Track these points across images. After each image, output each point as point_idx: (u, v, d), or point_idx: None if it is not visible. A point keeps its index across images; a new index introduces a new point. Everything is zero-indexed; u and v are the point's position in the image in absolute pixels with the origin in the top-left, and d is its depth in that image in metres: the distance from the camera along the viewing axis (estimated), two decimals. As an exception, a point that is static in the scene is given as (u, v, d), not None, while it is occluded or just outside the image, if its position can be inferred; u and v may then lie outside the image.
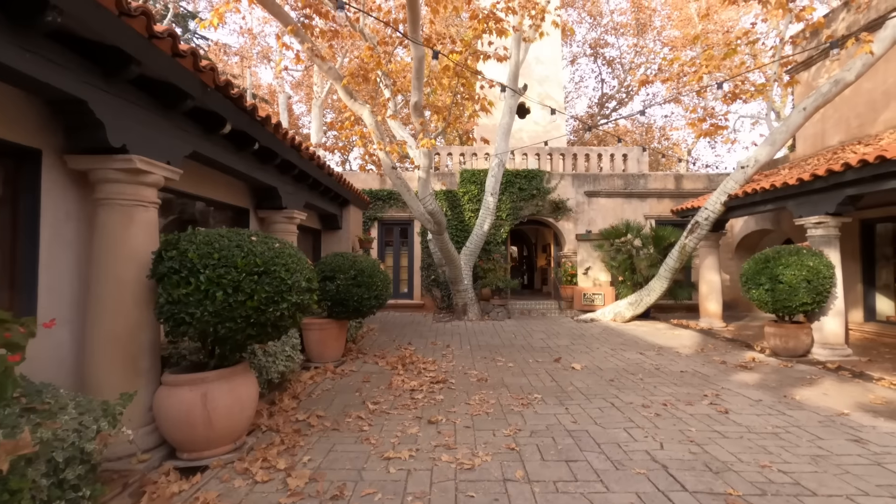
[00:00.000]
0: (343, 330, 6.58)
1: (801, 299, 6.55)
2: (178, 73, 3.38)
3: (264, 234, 3.49)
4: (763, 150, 8.61)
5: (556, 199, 13.01)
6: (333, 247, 9.35)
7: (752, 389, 5.33)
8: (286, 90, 17.63)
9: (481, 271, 12.30)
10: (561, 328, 10.18)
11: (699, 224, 9.49)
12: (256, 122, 4.66)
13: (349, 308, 6.10)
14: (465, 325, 10.57)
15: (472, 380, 5.79)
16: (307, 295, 3.43)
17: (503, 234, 13.04)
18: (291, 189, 6.48)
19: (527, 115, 15.59)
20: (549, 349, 7.84)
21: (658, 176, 13.30)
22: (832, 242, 7.07)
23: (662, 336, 9.16)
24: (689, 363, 6.73)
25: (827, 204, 6.91)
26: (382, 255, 13.35)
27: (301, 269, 3.40)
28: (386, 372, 6.15)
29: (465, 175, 13.08)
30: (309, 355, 6.41)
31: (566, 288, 12.69)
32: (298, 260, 3.40)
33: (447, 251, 10.55)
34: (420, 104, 7.97)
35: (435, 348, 7.87)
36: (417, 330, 9.98)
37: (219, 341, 3.18)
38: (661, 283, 10.21)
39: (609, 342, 8.50)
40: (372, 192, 13.04)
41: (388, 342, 8.47)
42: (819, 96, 7.90)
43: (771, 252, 6.99)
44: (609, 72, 22.76)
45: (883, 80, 8.63)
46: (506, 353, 7.53)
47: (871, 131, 8.82)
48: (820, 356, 6.89)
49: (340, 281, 5.97)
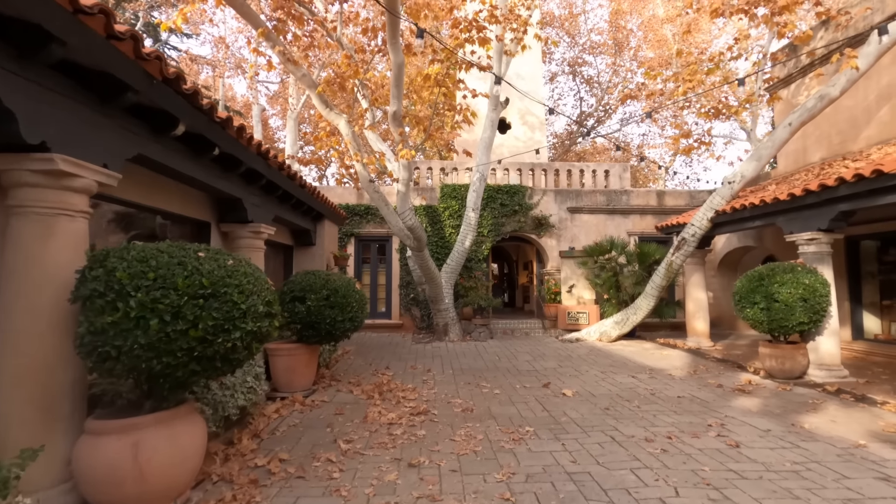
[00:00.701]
0: (314, 355, 5.99)
1: (797, 319, 6.28)
2: (115, 60, 2.87)
3: (216, 249, 2.96)
4: (749, 165, 8.47)
5: (539, 215, 12.72)
6: (306, 264, 8.77)
7: (756, 417, 4.96)
8: (260, 102, 17.07)
9: (462, 289, 11.84)
10: (546, 349, 9.75)
11: (686, 240, 9.27)
12: (215, 125, 4.14)
13: (321, 331, 5.53)
14: (446, 347, 10.05)
15: (456, 410, 5.27)
16: (266, 321, 2.90)
17: (485, 250, 12.65)
18: (258, 201, 5.94)
19: (507, 131, 15.38)
20: (537, 372, 7.39)
21: (640, 192, 13.17)
22: (825, 259, 6.87)
23: (651, 357, 8.82)
24: (684, 387, 6.36)
25: (819, 220, 6.72)
26: (359, 273, 12.77)
27: (259, 290, 2.87)
28: (361, 402, 5.58)
29: (445, 190, 12.70)
30: (276, 384, 5.79)
31: (550, 306, 12.32)
32: (256, 280, 2.88)
33: (427, 268, 10.07)
34: (399, 114, 7.57)
35: (415, 373, 7.33)
36: (396, 352, 9.41)
37: (154, 379, 2.62)
38: (647, 302, 9.92)
39: (598, 364, 8.10)
40: (349, 207, 12.53)
41: (365, 366, 7.88)
42: (804, 111, 7.82)
43: (765, 269, 6.74)
44: (587, 90, 22.94)
45: (864, 97, 8.64)
46: (491, 377, 7.04)
47: (853, 148, 8.79)
48: (817, 378, 6.61)
49: (311, 302, 5.42)
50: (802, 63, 9.93)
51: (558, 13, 22.94)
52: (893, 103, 8.05)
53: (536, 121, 15.48)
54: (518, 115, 15.44)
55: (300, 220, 8.01)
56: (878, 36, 7.04)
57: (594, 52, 22.33)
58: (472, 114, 7.86)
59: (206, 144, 4.29)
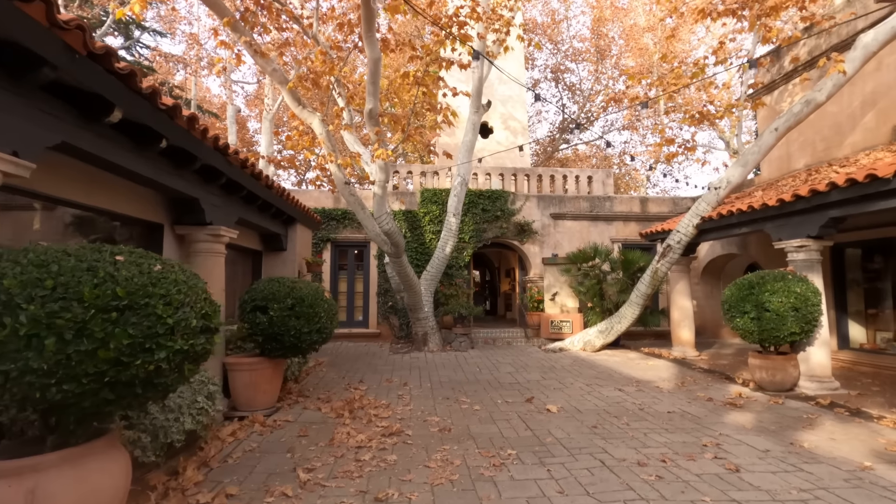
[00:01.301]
0: (279, 370, 5.50)
1: (789, 328, 6.03)
2: (21, 26, 2.41)
3: (142, 252, 2.49)
4: (735, 170, 8.29)
5: (521, 221, 12.41)
6: (277, 270, 8.26)
7: (752, 435, 4.65)
8: (236, 103, 16.49)
9: (443, 297, 11.43)
10: (529, 359, 9.39)
11: (671, 247, 9.04)
12: (160, 113, 3.67)
13: (285, 344, 5.05)
14: (424, 357, 9.60)
15: (432, 429, 4.84)
16: (202, 338, 2.45)
17: (466, 257, 12.28)
18: (219, 201, 5.45)
19: (490, 135, 15.10)
20: (519, 385, 7.00)
21: (624, 199, 12.98)
22: (814, 267, 6.67)
23: (637, 367, 8.52)
24: (673, 401, 6.04)
25: (809, 226, 6.52)
26: (336, 280, 12.26)
27: (193, 300, 2.42)
28: (329, 421, 5.11)
29: (425, 194, 12.31)
30: (235, 402, 5.29)
31: (533, 315, 11.99)
32: (190, 288, 2.42)
33: (406, 276, 9.64)
34: (376, 112, 7.17)
35: (390, 387, 6.87)
36: (372, 363, 8.93)
37: (55, 411, 2.14)
38: (632, 310, 9.65)
39: (582, 375, 7.76)
40: (325, 212, 12.04)
41: (338, 380, 7.39)
42: (791, 116, 7.66)
43: (754, 277, 6.50)
44: (570, 97, 22.89)
45: (848, 103, 8.56)
46: (471, 391, 6.63)
47: (838, 154, 8.70)
48: (808, 390, 6.37)
49: (274, 312, 4.94)
50: (786, 69, 9.86)
51: (541, 20, 22.92)
52: (879, 109, 7.97)
53: (519, 126, 15.24)
54: (500, 119, 15.19)
55: (269, 224, 7.51)
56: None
57: (576, 60, 22.31)
58: (453, 113, 7.51)
59: (152, 135, 3.82)
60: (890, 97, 7.82)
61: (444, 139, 14.87)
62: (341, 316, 12.26)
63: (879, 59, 7.79)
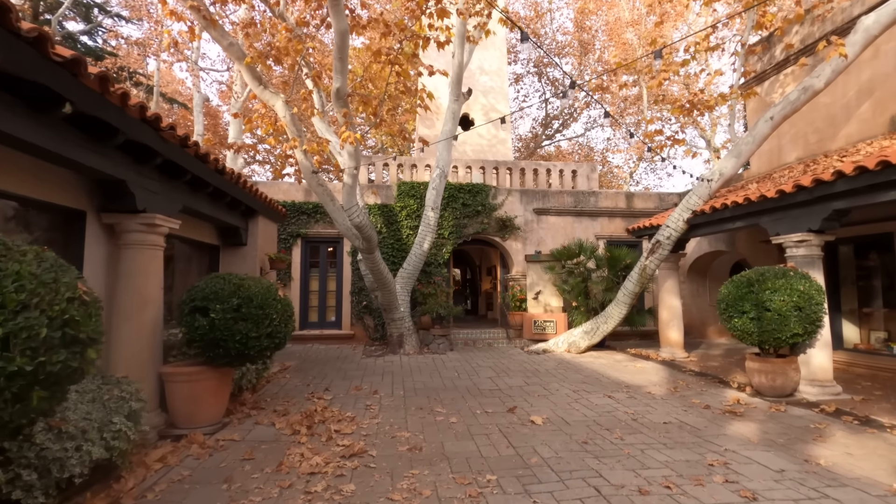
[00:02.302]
0: (226, 380, 4.79)
1: (791, 329, 5.57)
2: None
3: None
4: (728, 162, 7.85)
5: (503, 217, 11.85)
6: (236, 267, 7.52)
7: (761, 451, 4.14)
8: (205, 91, 15.54)
9: (420, 296, 10.79)
10: (511, 362, 8.82)
11: (661, 243, 8.57)
12: (56, 66, 2.95)
13: (230, 351, 4.34)
14: (399, 361, 8.95)
15: (401, 448, 4.21)
16: (65, 353, 1.77)
17: (445, 254, 11.65)
18: (157, 186, 4.72)
19: (471, 128, 14.50)
20: (500, 392, 6.42)
21: (609, 194, 12.52)
22: (815, 263, 6.24)
23: (625, 370, 8.03)
24: (668, 410, 5.53)
25: (810, 219, 6.08)
26: (306, 278, 11.51)
27: (48, 302, 1.73)
28: (283, 439, 4.43)
29: (402, 188, 11.65)
30: (173, 418, 4.57)
31: (515, 314, 11.44)
32: (42, 285, 1.74)
33: (379, 273, 8.97)
34: (343, 91, 6.49)
35: (359, 396, 6.21)
36: (342, 368, 8.25)
37: None
38: (619, 309, 9.17)
39: (568, 380, 7.22)
40: (295, 205, 11.28)
41: (301, 387, 6.70)
42: (787, 104, 7.24)
43: (753, 274, 6.03)
44: (552, 91, 22.44)
45: (842, 93, 8.20)
46: (447, 399, 6.01)
47: (832, 147, 8.34)
48: (809, 395, 5.93)
49: (216, 314, 4.23)
50: (777, 59, 9.49)
51: (524, 13, 22.43)
52: (876, 98, 7.61)
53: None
54: (482, 111, 14.62)
55: (225, 216, 6.77)
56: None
57: (560, 54, 21.88)
58: (429, 95, 6.87)
59: (52, 98, 3.10)
60: (888, 86, 7.46)
61: (423, 130, 14.23)
62: (312, 316, 11.53)
63: (877, 47, 7.44)
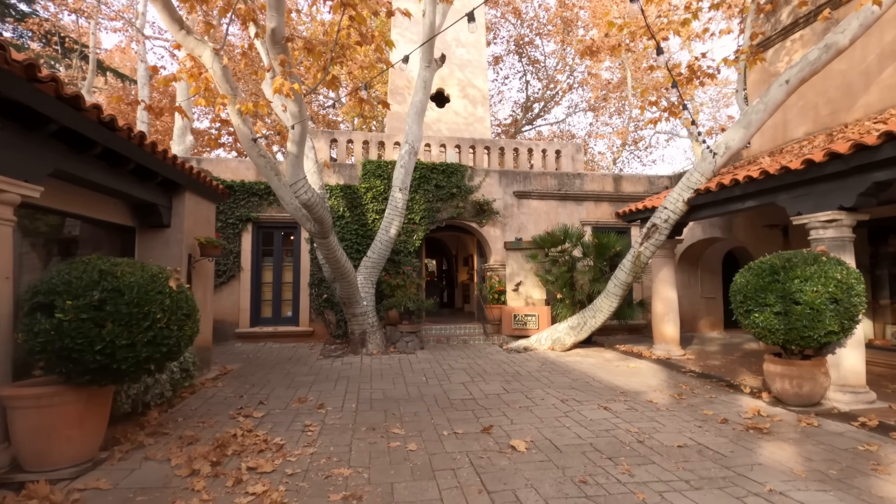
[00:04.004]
0: (98, 403, 3.52)
1: (826, 326, 4.58)
2: None
3: None
4: (736, 133, 6.85)
5: (481, 200, 10.72)
6: (157, 253, 6.20)
7: (815, 489, 3.12)
8: (147, 60, 13.91)
9: (387, 288, 9.59)
10: (488, 363, 7.73)
11: (657, 227, 7.56)
12: None
13: (87, 365, 3.07)
14: (360, 363, 7.77)
15: (333, 497, 3.05)
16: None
17: (416, 241, 10.47)
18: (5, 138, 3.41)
19: (446, 104, 13.29)
20: (475, 403, 5.31)
21: (596, 176, 11.50)
22: (846, 248, 5.27)
23: (618, 372, 7.02)
24: (679, 425, 4.50)
25: (843, 195, 5.10)
26: (258, 268, 10.19)
27: None
28: (173, 484, 3.22)
29: (368, 167, 10.39)
30: (20, 457, 3.30)
31: (493, 308, 10.35)
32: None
33: (336, 261, 7.74)
34: (281, 33, 5.21)
35: (300, 411, 5.02)
36: (291, 372, 7.03)
37: None
38: (609, 302, 8.15)
39: (554, 385, 6.16)
40: (244, 185, 9.93)
41: (233, 399, 5.47)
42: (806, 65, 6.27)
43: (777, 260, 5.02)
44: (533, 72, 21.33)
45: (861, 57, 7.27)
46: (409, 414, 4.87)
47: (847, 118, 7.42)
48: (840, 403, 4.99)
49: (66, 313, 2.97)
50: (784, 23, 8.54)
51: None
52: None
53: (479, 94, 13.50)
54: (458, 87, 13.40)
55: (136, 189, 5.44)
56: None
57: (541, 34, 20.75)
58: (388, 42, 5.63)
59: None
60: (916, 47, 6.55)
61: (395, 108, 12.96)
62: (265, 311, 10.23)
63: (903, 2, 6.50)
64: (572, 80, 21.01)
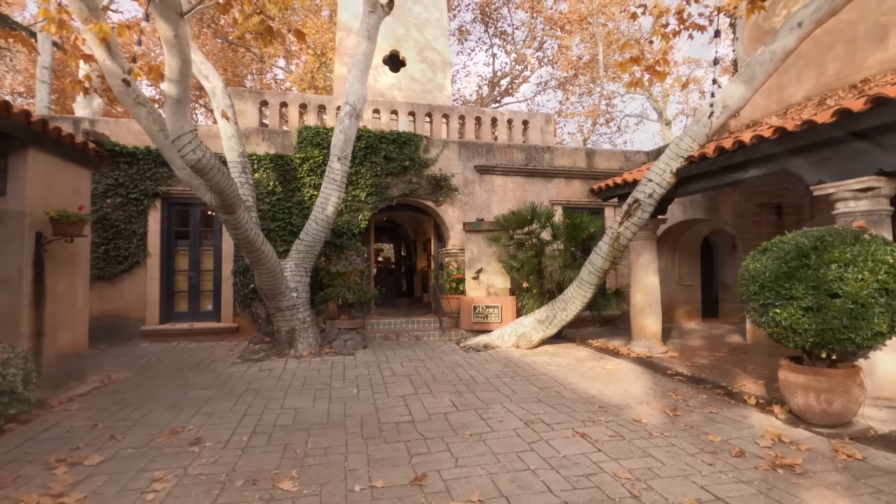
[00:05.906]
0: None
1: (874, 326, 3.45)
2: None
3: None
4: (736, 89, 5.66)
5: (437, 175, 9.33)
6: (-12, 232, 4.56)
7: None
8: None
9: (326, 277, 8.13)
10: (440, 366, 6.43)
11: (640, 203, 6.37)
12: None
13: None
14: (282, 369, 6.32)
15: None
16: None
17: (362, 221, 9.00)
18: None
19: (401, 69, 11.77)
20: (411, 429, 3.99)
21: (567, 150, 10.28)
22: (884, 223, 4.16)
23: (594, 376, 5.84)
24: (682, 465, 3.29)
25: (880, 156, 3.97)
26: (170, 253, 8.52)
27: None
28: None
29: (305, 134, 8.82)
30: None
31: (450, 298, 9.04)
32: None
33: (249, 244, 6.21)
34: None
35: (160, 452, 3.56)
36: (187, 385, 5.52)
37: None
38: (583, 292, 6.96)
39: (517, 397, 4.91)
40: (150, 153, 8.20)
41: (77, 433, 3.95)
42: (823, 3, 5.11)
43: (805, 239, 3.84)
44: (501, 45, 19.92)
45: (875, 6, 6.22)
46: (316, 454, 3.50)
47: (856, 77, 6.38)
48: (876, 422, 3.91)
49: None
50: (782, -30, 7.42)
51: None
52: (930, 5, 5.64)
53: (438, 58, 12.03)
54: (415, 49, 11.88)
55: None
56: None
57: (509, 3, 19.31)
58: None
59: None
60: (945, -12, 5.51)
61: (340, 70, 11.35)
62: (180, 305, 8.61)
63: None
64: (541, 54, 19.73)
